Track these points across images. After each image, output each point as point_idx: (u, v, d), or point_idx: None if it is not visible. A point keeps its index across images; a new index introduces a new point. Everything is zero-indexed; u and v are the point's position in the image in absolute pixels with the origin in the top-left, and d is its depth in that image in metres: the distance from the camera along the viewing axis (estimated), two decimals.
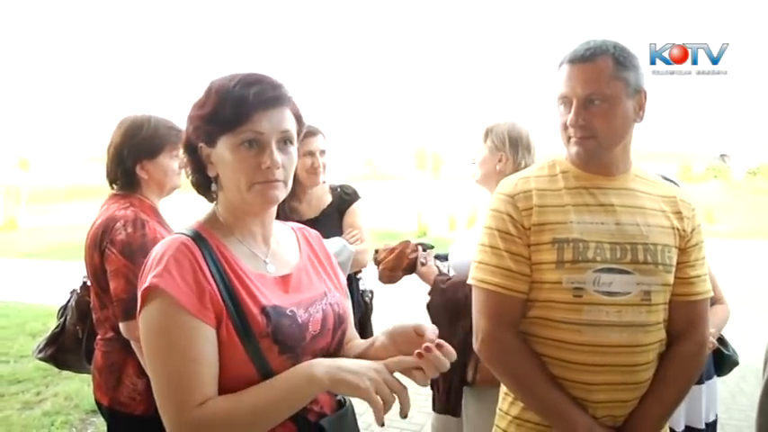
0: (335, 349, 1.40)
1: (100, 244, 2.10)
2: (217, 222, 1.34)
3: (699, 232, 1.69)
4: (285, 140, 1.28)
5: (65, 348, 2.44)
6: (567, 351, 1.57)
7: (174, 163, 2.27)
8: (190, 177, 1.36)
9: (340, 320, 1.40)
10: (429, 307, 2.45)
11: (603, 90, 1.55)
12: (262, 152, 1.23)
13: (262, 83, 1.25)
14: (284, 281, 1.35)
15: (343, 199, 3.03)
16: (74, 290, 2.44)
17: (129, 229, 2.06)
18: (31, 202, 23.79)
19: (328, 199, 3.03)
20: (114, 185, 2.28)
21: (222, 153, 1.25)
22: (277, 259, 1.38)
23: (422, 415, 4.51)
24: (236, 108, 1.22)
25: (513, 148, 2.45)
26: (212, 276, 1.21)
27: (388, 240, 2.85)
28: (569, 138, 1.62)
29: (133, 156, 2.21)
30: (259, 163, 1.23)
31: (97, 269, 2.13)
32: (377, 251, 2.65)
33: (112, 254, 2.06)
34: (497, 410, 1.77)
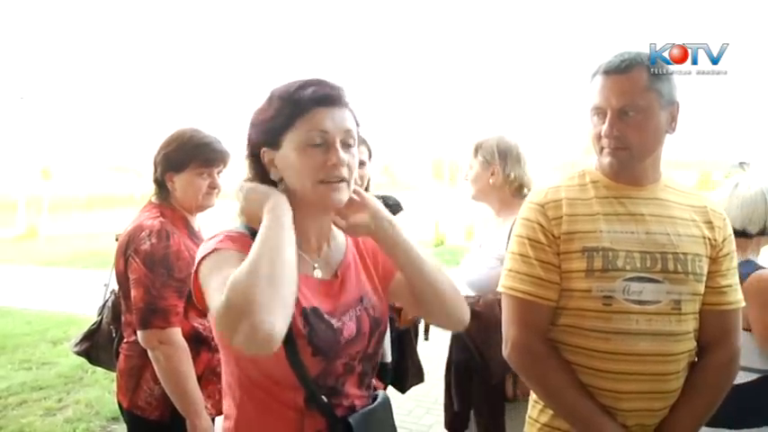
0: (374, 350, 1.44)
1: (125, 251, 2.14)
2: None
3: (730, 242, 1.69)
4: (348, 141, 1.30)
5: (98, 345, 2.50)
6: (596, 359, 1.57)
7: (202, 181, 2.25)
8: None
9: (376, 324, 1.43)
10: (468, 332, 2.31)
11: (638, 102, 1.55)
12: (327, 150, 1.26)
13: (321, 83, 1.29)
14: (326, 285, 1.38)
15: None
16: (113, 290, 2.47)
17: (154, 240, 2.09)
18: (53, 211, 24.05)
19: None
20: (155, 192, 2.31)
21: (287, 154, 1.28)
22: (325, 262, 1.41)
23: (431, 416, 4.62)
24: (298, 103, 1.26)
25: (502, 161, 2.45)
26: None
27: None
28: (602, 148, 1.63)
29: (162, 166, 2.24)
30: (325, 161, 1.26)
31: (121, 275, 2.18)
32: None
33: (135, 263, 2.09)
34: (527, 418, 1.77)
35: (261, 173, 1.34)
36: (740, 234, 2.10)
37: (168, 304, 2.05)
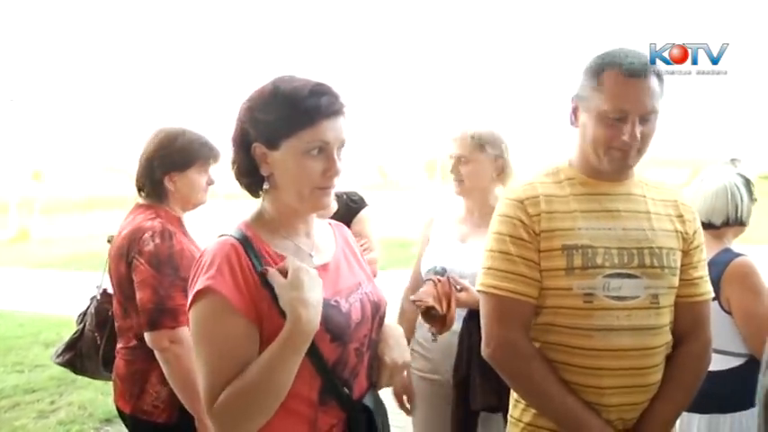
0: (376, 336, 1.49)
1: (127, 254, 2.12)
2: (263, 221, 1.41)
3: (700, 234, 1.72)
4: (341, 149, 1.36)
5: (82, 354, 2.46)
6: (577, 356, 1.58)
7: (203, 179, 2.28)
8: (236, 174, 1.40)
9: (376, 307, 1.48)
10: None
11: (657, 107, 1.57)
12: (327, 160, 1.32)
13: (329, 94, 1.32)
14: (324, 269, 1.42)
15: (350, 207, 2.88)
16: (94, 296, 2.46)
17: (158, 240, 2.08)
18: (45, 213, 23.94)
19: (334, 207, 2.74)
20: (141, 194, 2.30)
21: (285, 158, 1.31)
22: (318, 249, 1.46)
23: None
24: (306, 113, 1.28)
25: (507, 154, 2.36)
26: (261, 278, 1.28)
27: (396, 249, 2.72)
28: (611, 150, 1.58)
29: (163, 167, 2.23)
30: (324, 169, 1.32)
31: (122, 278, 2.16)
32: (432, 308, 2.14)
33: (140, 264, 2.07)
34: (509, 417, 1.77)
35: (249, 165, 1.36)
36: (707, 226, 2.14)
37: (177, 304, 2.04)
